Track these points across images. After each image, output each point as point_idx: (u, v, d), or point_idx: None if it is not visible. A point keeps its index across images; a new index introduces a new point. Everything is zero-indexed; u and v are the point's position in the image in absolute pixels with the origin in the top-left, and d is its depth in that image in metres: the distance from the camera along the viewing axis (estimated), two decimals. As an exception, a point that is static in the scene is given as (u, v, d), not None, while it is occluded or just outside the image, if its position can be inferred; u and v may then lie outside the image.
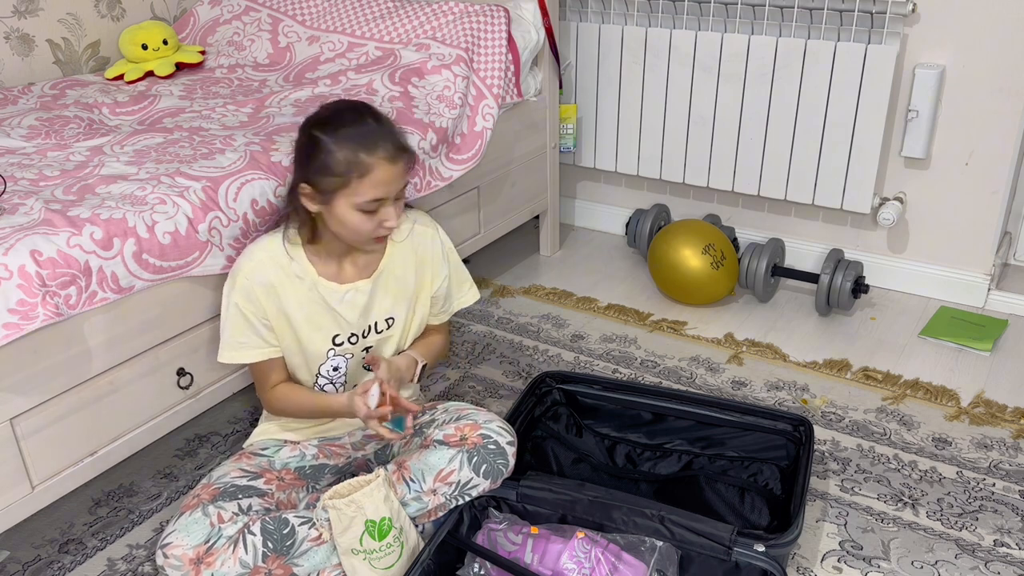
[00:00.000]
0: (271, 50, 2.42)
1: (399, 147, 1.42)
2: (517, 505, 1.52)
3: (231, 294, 1.48)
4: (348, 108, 1.43)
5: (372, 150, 1.38)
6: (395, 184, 1.42)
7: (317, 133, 1.40)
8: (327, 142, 1.38)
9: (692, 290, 2.38)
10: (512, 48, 2.27)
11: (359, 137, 1.38)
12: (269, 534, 1.38)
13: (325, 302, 1.51)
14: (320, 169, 1.39)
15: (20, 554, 1.63)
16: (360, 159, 1.38)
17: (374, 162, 1.38)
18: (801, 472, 1.55)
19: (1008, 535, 1.60)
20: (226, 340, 1.51)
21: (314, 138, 1.40)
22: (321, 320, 1.52)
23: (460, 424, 1.53)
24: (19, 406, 1.34)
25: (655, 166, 2.66)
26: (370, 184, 1.39)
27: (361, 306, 1.54)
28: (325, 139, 1.38)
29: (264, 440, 1.61)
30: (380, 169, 1.39)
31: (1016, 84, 2.15)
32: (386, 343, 1.61)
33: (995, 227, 2.31)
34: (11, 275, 1.26)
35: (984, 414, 1.94)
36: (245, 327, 1.49)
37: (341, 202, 1.40)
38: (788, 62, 2.32)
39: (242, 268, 1.48)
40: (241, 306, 1.48)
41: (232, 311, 1.49)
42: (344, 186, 1.39)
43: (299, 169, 1.45)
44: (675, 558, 1.41)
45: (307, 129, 1.43)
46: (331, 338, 1.54)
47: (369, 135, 1.39)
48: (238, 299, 1.48)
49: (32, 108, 2.05)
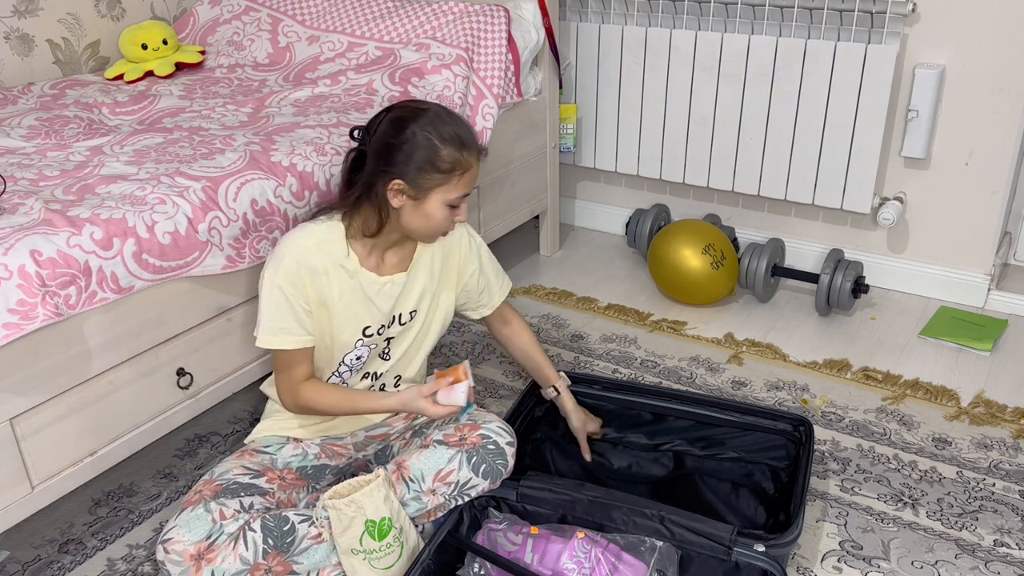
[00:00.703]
0: (271, 50, 2.42)
1: (479, 146, 1.48)
2: (517, 505, 1.52)
3: (275, 277, 1.45)
4: (439, 108, 1.47)
5: (470, 148, 1.44)
6: (476, 181, 1.49)
7: (419, 131, 1.41)
8: (433, 140, 1.41)
9: (692, 290, 2.38)
10: (512, 48, 2.27)
11: (459, 136, 1.43)
12: (270, 531, 1.38)
13: (364, 293, 1.52)
14: (425, 166, 1.41)
15: (20, 554, 1.63)
16: (463, 157, 1.43)
17: (471, 160, 1.44)
18: (801, 472, 1.55)
19: (1008, 535, 1.60)
20: (265, 324, 1.47)
21: (416, 135, 1.41)
22: (357, 310, 1.52)
23: (460, 424, 1.53)
24: (19, 406, 1.34)
25: (655, 166, 2.66)
26: (467, 181, 1.45)
27: (395, 298, 1.56)
28: (431, 137, 1.41)
29: (267, 437, 1.61)
30: (475, 167, 1.45)
31: (1016, 84, 2.15)
32: (406, 334, 1.62)
33: (995, 227, 2.31)
34: (11, 275, 1.26)
35: (984, 414, 1.94)
36: (287, 312, 1.46)
37: (436, 198, 1.44)
38: (788, 62, 2.32)
39: (291, 251, 1.46)
40: (285, 289, 1.45)
41: (275, 294, 1.46)
42: (444, 183, 1.43)
43: (390, 165, 1.43)
44: (675, 558, 1.41)
45: (404, 126, 1.43)
46: (362, 329, 1.54)
47: (465, 134, 1.44)
48: (283, 282, 1.45)
49: (32, 108, 2.05)
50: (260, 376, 1.75)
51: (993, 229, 2.32)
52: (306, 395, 1.53)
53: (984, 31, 2.14)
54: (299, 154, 1.70)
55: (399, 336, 1.61)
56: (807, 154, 2.38)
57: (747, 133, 2.46)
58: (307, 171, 1.69)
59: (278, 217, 1.64)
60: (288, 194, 1.65)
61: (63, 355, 1.38)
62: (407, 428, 1.66)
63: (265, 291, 1.47)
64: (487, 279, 1.70)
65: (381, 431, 1.67)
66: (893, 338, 2.27)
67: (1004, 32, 2.12)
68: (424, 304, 1.61)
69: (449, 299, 1.66)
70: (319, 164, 1.72)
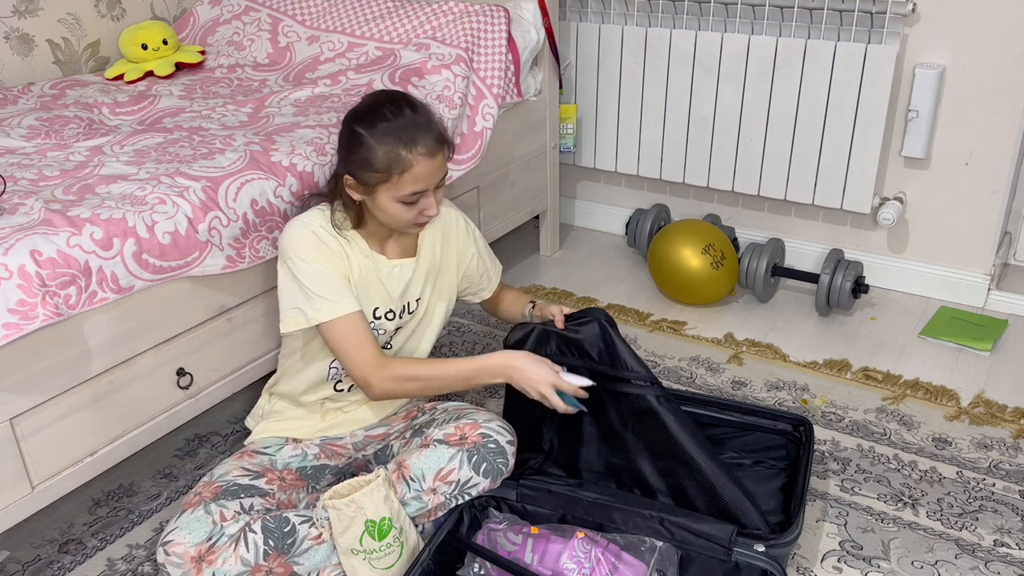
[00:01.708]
0: (271, 50, 2.42)
1: (438, 139, 1.44)
2: (517, 505, 1.53)
3: (304, 256, 1.44)
4: (387, 100, 1.45)
5: (411, 146, 1.41)
6: (434, 177, 1.45)
7: (358, 128, 1.42)
8: (367, 138, 1.41)
9: (692, 290, 2.38)
10: (512, 48, 2.27)
11: (398, 132, 1.40)
12: (270, 532, 1.38)
13: (377, 274, 1.53)
14: (361, 164, 1.42)
15: (20, 554, 1.63)
16: (400, 156, 1.40)
17: (413, 158, 1.41)
18: (801, 472, 1.55)
19: (1008, 535, 1.60)
20: (318, 300, 1.43)
21: (355, 133, 1.43)
22: (370, 290, 1.53)
23: (460, 423, 1.53)
24: (19, 406, 1.34)
25: (655, 166, 2.66)
26: (410, 179, 1.42)
27: (405, 282, 1.57)
28: (365, 135, 1.41)
29: (266, 438, 1.61)
30: (419, 165, 1.42)
31: (1016, 84, 2.15)
32: (410, 322, 1.62)
33: (995, 227, 2.31)
34: (11, 275, 1.26)
35: (984, 414, 1.94)
36: (333, 279, 1.45)
37: (383, 195, 1.44)
38: (788, 62, 2.32)
39: (305, 234, 1.46)
40: (321, 261, 1.44)
41: (314, 268, 1.44)
42: (385, 181, 1.42)
43: (341, 161, 1.48)
44: (675, 558, 1.41)
45: (348, 123, 1.45)
46: (372, 310, 1.55)
47: (407, 129, 1.41)
48: (314, 256, 1.44)
49: (32, 108, 2.05)
50: (260, 376, 1.75)
51: (993, 229, 2.32)
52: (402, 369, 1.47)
53: (984, 31, 2.14)
54: (299, 154, 1.70)
55: (405, 328, 1.62)
56: (807, 154, 2.38)
57: (747, 133, 2.46)
58: (307, 171, 1.69)
59: (278, 217, 1.64)
60: (288, 194, 1.65)
61: (63, 355, 1.38)
62: (407, 427, 1.66)
63: (300, 274, 1.44)
64: (484, 263, 1.72)
65: (380, 431, 1.67)
66: (893, 338, 2.27)
67: (1004, 32, 2.12)
68: (427, 293, 1.62)
69: (451, 286, 1.68)
70: (319, 164, 1.72)
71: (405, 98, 1.46)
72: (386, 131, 1.40)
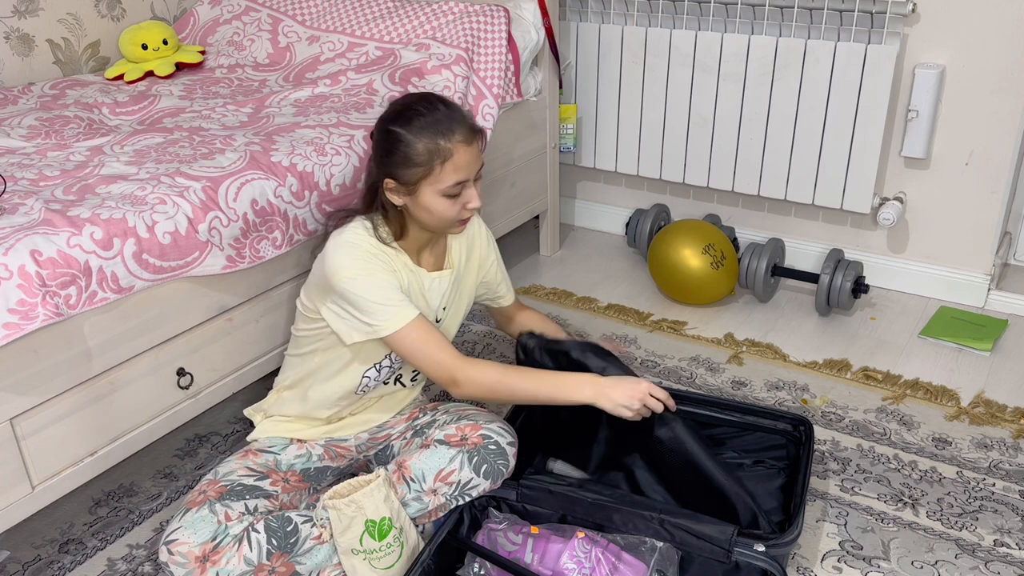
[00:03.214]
0: (271, 50, 2.42)
1: (472, 128, 1.46)
2: (517, 505, 1.52)
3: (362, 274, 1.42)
4: (418, 99, 1.47)
5: (449, 135, 1.42)
6: (474, 165, 1.46)
7: (394, 128, 1.43)
8: (405, 135, 1.42)
9: (692, 290, 2.38)
10: (512, 48, 2.27)
11: (434, 124, 1.42)
12: (273, 532, 1.38)
13: (420, 286, 1.54)
14: (402, 162, 1.43)
15: (20, 554, 1.63)
16: (440, 145, 1.42)
17: (453, 146, 1.42)
18: (801, 472, 1.55)
19: (1008, 535, 1.60)
20: (391, 308, 1.42)
21: (392, 133, 1.43)
22: (418, 303, 1.53)
23: (461, 424, 1.53)
24: (19, 406, 1.34)
25: (655, 166, 2.66)
26: (452, 168, 1.43)
27: (442, 294, 1.58)
28: (403, 132, 1.42)
29: (271, 438, 1.61)
30: (459, 152, 1.43)
31: (1016, 84, 2.15)
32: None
33: (995, 227, 2.31)
34: (11, 275, 1.26)
35: (984, 414, 1.94)
36: (395, 288, 1.44)
37: (426, 190, 1.44)
38: (788, 62, 2.32)
39: (357, 249, 1.44)
40: (381, 272, 1.44)
41: (374, 283, 1.42)
42: (428, 174, 1.43)
43: (380, 166, 1.47)
44: (675, 558, 1.41)
45: (383, 126, 1.46)
46: None
47: (443, 121, 1.43)
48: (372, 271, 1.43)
49: (32, 108, 2.05)
50: (260, 376, 1.75)
51: (993, 229, 2.32)
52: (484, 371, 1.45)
53: (984, 31, 2.15)
54: (299, 154, 1.70)
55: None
56: (807, 154, 2.38)
57: (747, 133, 2.46)
58: (307, 171, 1.69)
59: (278, 217, 1.64)
60: (288, 194, 1.65)
61: (63, 355, 1.38)
62: (408, 427, 1.66)
63: (363, 289, 1.42)
64: (502, 271, 1.74)
65: (383, 432, 1.67)
66: (893, 338, 2.27)
67: (1004, 32, 2.12)
68: (453, 300, 1.63)
69: (471, 292, 1.69)
70: (319, 164, 1.72)
71: (435, 95, 1.48)
72: (423, 125, 1.42)
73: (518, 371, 1.48)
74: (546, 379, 1.46)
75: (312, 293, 1.51)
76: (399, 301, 1.43)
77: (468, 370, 1.44)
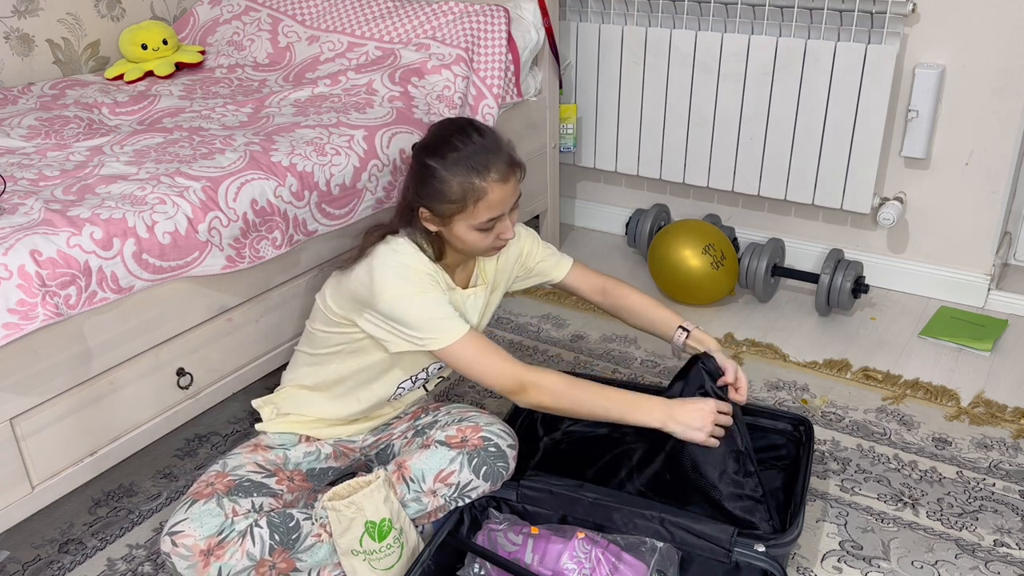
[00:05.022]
0: (271, 50, 2.42)
1: (509, 163, 1.43)
2: (517, 505, 1.52)
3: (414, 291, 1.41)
4: (456, 130, 1.44)
5: (484, 174, 1.40)
6: (508, 201, 1.45)
7: (429, 161, 1.42)
8: (439, 171, 1.41)
9: (692, 290, 2.38)
10: (512, 48, 2.27)
11: (469, 160, 1.40)
12: (275, 527, 1.38)
13: (460, 305, 1.53)
14: (436, 196, 1.42)
15: (20, 554, 1.63)
16: (474, 184, 1.40)
17: (488, 186, 1.41)
18: (801, 472, 1.55)
19: (1008, 535, 1.60)
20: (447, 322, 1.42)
21: (427, 167, 1.42)
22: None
23: (462, 426, 1.53)
24: (19, 406, 1.34)
25: (655, 166, 2.66)
26: (485, 207, 1.42)
27: (479, 311, 1.58)
28: (438, 168, 1.41)
29: (282, 434, 1.60)
30: (494, 191, 1.41)
31: (1016, 84, 2.15)
32: None
33: (995, 227, 2.32)
34: (11, 275, 1.26)
35: (984, 414, 1.94)
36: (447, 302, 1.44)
37: (459, 224, 1.44)
38: (788, 62, 2.32)
39: (405, 265, 1.43)
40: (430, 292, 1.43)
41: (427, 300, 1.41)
42: (461, 211, 1.42)
43: (416, 195, 1.46)
44: (675, 558, 1.41)
45: (419, 157, 1.45)
46: None
47: (478, 156, 1.40)
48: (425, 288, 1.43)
49: (32, 108, 2.05)
50: (260, 376, 1.75)
51: (993, 229, 2.32)
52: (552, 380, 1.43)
53: (984, 31, 2.14)
54: (299, 154, 1.70)
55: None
56: (807, 154, 2.38)
57: (747, 133, 2.46)
58: (307, 171, 1.69)
59: (278, 217, 1.64)
60: (288, 194, 1.65)
61: (63, 355, 1.38)
62: (409, 428, 1.66)
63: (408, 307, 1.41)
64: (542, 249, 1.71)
65: (386, 432, 1.67)
66: (893, 338, 2.27)
67: (1004, 32, 2.12)
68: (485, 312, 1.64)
69: (498, 301, 1.68)
70: (319, 164, 1.72)
71: (471, 123, 1.46)
72: (456, 160, 1.40)
73: (582, 383, 1.46)
74: (613, 397, 1.45)
75: (343, 303, 1.49)
76: (452, 315, 1.43)
77: (535, 377, 1.43)
